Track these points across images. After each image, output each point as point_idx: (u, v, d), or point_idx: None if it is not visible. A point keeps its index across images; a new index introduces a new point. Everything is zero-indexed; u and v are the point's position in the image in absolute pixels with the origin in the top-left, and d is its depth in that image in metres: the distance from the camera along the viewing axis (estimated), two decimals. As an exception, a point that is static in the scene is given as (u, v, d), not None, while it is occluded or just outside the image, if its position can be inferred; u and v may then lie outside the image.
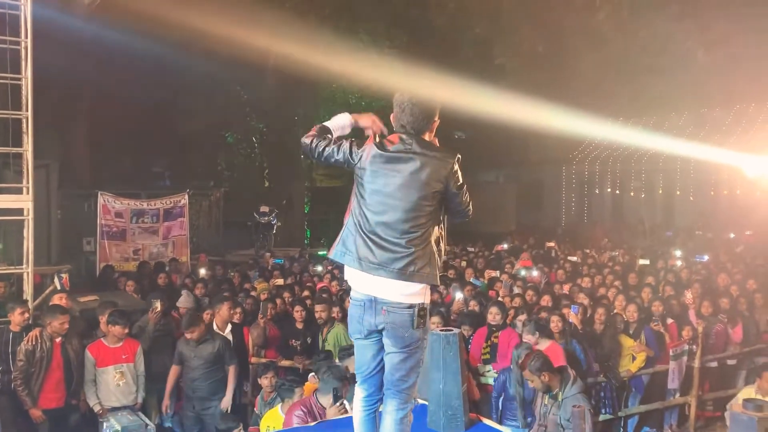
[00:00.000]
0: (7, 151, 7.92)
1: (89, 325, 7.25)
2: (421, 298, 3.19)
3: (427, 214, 3.16)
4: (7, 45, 7.64)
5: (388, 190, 3.17)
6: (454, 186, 3.20)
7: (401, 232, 3.14)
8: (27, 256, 7.75)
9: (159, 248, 13.08)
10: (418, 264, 3.13)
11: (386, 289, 3.18)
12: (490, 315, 7.21)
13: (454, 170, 3.21)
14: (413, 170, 3.16)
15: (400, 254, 3.12)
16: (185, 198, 13.56)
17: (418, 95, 3.38)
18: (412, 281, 3.13)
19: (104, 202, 12.62)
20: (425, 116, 3.33)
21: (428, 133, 3.35)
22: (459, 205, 3.28)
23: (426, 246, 3.16)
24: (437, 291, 9.15)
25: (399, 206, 3.15)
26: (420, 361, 3.29)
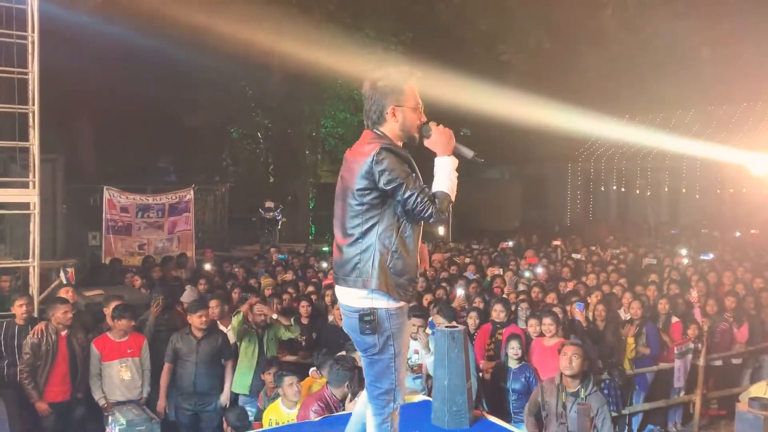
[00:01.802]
0: (14, 145, 7.97)
1: (95, 319, 7.28)
2: (368, 303, 3.00)
3: (359, 214, 2.97)
4: (14, 39, 7.65)
5: (337, 192, 3.13)
6: (382, 181, 2.90)
7: (343, 235, 3.05)
8: (33, 250, 7.76)
9: (164, 243, 13.11)
10: (359, 267, 2.98)
11: (340, 293, 3.15)
12: (494, 312, 7.22)
13: (376, 163, 2.89)
14: (347, 168, 3.06)
15: (343, 257, 3.04)
16: (190, 193, 13.58)
17: (374, 82, 3.07)
18: (353, 287, 3.01)
19: (110, 197, 12.66)
20: (376, 107, 3.06)
21: (388, 123, 3.07)
22: (404, 204, 2.93)
23: (368, 248, 2.97)
24: (441, 287, 9.15)
25: (339, 207, 3.09)
26: (389, 367, 3.10)
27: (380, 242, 2.96)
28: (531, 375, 6.18)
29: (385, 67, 3.12)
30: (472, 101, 16.12)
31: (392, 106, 3.04)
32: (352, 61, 15.61)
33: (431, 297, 8.61)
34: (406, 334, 3.18)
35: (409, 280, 3.04)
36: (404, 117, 3.06)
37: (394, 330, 3.06)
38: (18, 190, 7.89)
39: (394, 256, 2.98)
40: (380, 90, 3.05)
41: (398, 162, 2.92)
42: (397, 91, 3.05)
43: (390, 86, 3.05)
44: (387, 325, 3.04)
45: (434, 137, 3.10)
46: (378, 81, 3.06)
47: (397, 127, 3.07)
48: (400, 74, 3.08)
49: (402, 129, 3.08)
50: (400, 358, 3.12)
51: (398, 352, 3.10)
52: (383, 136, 3.05)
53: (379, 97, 3.04)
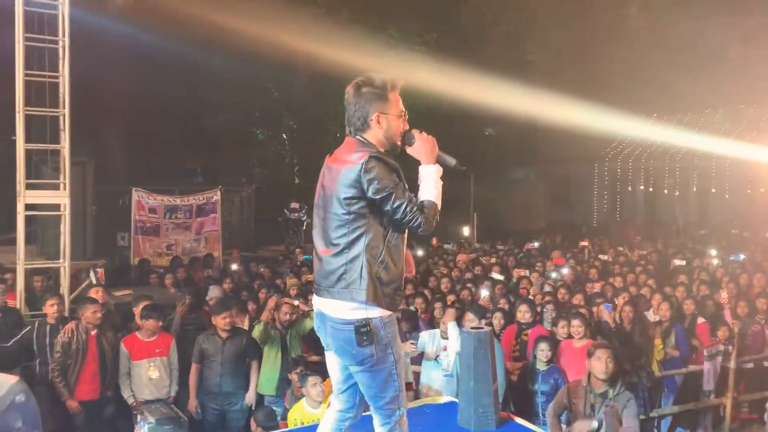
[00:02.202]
0: (45, 147, 8.11)
1: (124, 318, 7.37)
2: (362, 313, 2.93)
3: (345, 223, 2.91)
4: (46, 44, 7.80)
5: (318, 202, 3.07)
6: (371, 190, 2.84)
7: (330, 245, 2.96)
8: (63, 250, 7.92)
9: (192, 243, 13.22)
10: (345, 278, 2.92)
11: (326, 305, 3.04)
12: (519, 313, 7.19)
13: (365, 172, 2.83)
14: (330, 177, 2.98)
15: (327, 268, 2.97)
16: (217, 194, 13.68)
17: (357, 88, 3.00)
18: (339, 298, 2.94)
19: (138, 198, 12.80)
20: (360, 113, 3.00)
21: (372, 130, 3.01)
22: (393, 214, 2.88)
23: (355, 258, 2.90)
24: (466, 288, 9.11)
25: (320, 217, 3.03)
26: (392, 375, 3.04)
27: (368, 252, 2.90)
28: (560, 377, 6.13)
29: (369, 73, 3.03)
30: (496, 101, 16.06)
31: (377, 113, 2.98)
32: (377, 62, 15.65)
33: (455, 297, 8.58)
34: (399, 340, 3.13)
35: (395, 289, 3.00)
36: (388, 124, 3.01)
37: (390, 338, 3.01)
38: (49, 192, 8.04)
39: (381, 266, 2.93)
40: (364, 96, 2.99)
41: (387, 171, 2.87)
42: (382, 98, 3.00)
43: (375, 93, 2.99)
44: (383, 334, 2.97)
45: (417, 145, 3.05)
46: (362, 87, 3.00)
47: (381, 135, 3.01)
48: (385, 81, 3.01)
49: (386, 136, 3.02)
50: (399, 364, 3.07)
51: (397, 359, 3.05)
52: (368, 143, 2.99)
53: (364, 103, 2.98)
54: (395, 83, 3.03)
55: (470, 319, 6.22)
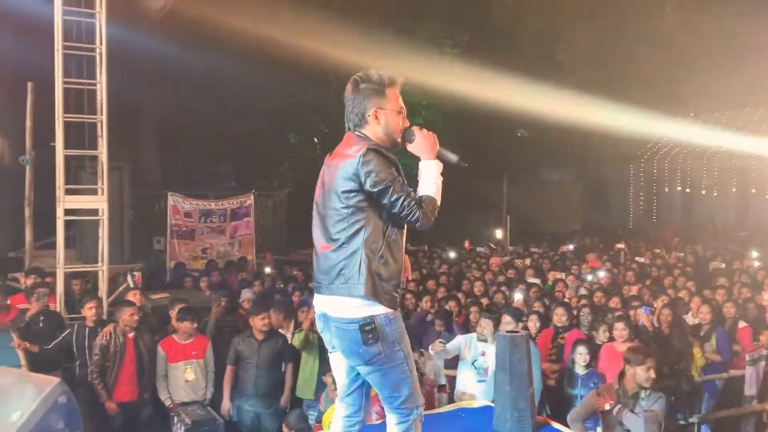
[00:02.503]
0: (84, 153, 8.29)
1: (160, 321, 7.47)
2: (366, 311, 2.89)
3: (344, 218, 2.89)
4: (84, 52, 7.97)
5: (317, 199, 3.08)
6: (368, 183, 2.83)
7: (326, 240, 2.96)
8: (102, 254, 8.07)
9: (226, 247, 13.36)
10: (344, 274, 2.89)
11: (329, 305, 3.00)
12: (556, 316, 7.12)
13: (362, 165, 2.83)
14: (329, 173, 2.98)
15: (326, 264, 2.95)
16: (251, 198, 13.81)
17: (355, 84, 3.01)
18: (339, 294, 2.91)
19: (174, 203, 12.97)
20: (358, 109, 3.01)
21: (369, 126, 3.01)
22: (391, 207, 2.86)
23: (354, 253, 2.88)
24: (500, 291, 9.04)
25: (322, 214, 3.01)
26: (404, 372, 2.99)
27: (366, 247, 2.88)
28: (599, 381, 6.03)
29: (367, 69, 3.05)
30: (529, 102, 15.94)
31: (374, 109, 2.99)
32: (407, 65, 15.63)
33: (488, 301, 8.53)
34: (407, 336, 3.07)
35: (394, 285, 2.96)
36: (387, 120, 3.01)
37: (397, 334, 2.96)
38: (88, 197, 8.21)
39: (381, 261, 2.90)
40: (362, 92, 3.00)
41: (385, 164, 2.86)
42: (380, 93, 3.00)
43: (372, 88, 3.00)
44: (389, 331, 2.93)
45: (418, 141, 3.04)
46: (360, 83, 3.01)
47: (380, 130, 3.01)
48: (383, 77, 3.01)
49: (385, 132, 3.01)
50: (410, 359, 3.03)
51: (407, 354, 3.01)
52: (366, 138, 2.99)
53: (362, 99, 3.00)
54: (393, 79, 3.03)
55: (507, 322, 6.17)
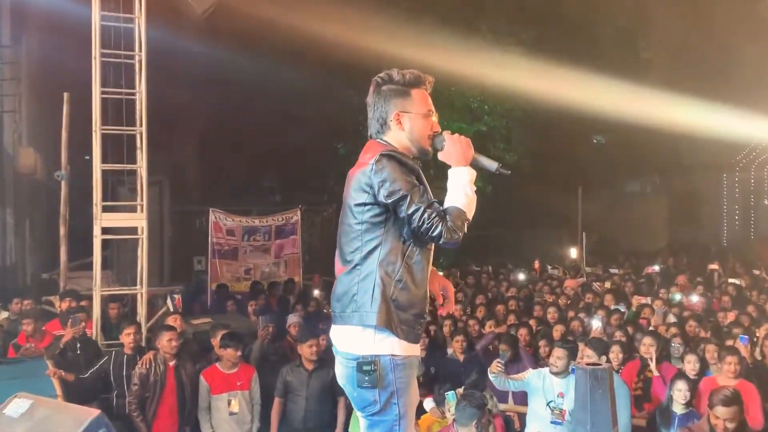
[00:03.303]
0: (123, 168, 8.52)
1: (202, 348, 7.60)
2: (369, 348, 2.75)
3: (358, 235, 2.78)
4: (122, 59, 8.24)
5: (340, 218, 2.97)
6: (381, 194, 2.71)
7: (344, 261, 2.86)
8: (141, 276, 8.26)
9: (271, 267, 13.45)
10: (356, 300, 2.77)
11: (340, 336, 2.89)
12: (643, 347, 6.96)
13: (375, 173, 2.72)
14: (348, 184, 2.89)
15: (340, 290, 2.85)
16: (297, 214, 13.89)
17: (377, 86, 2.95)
18: (349, 323, 2.78)
19: (215, 220, 13.15)
20: (379, 113, 2.93)
21: (392, 131, 2.92)
22: (409, 221, 2.72)
23: (368, 277, 2.77)
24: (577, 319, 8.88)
25: (341, 234, 2.91)
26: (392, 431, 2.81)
27: (382, 269, 2.76)
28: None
29: (391, 69, 2.97)
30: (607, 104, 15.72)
31: (396, 112, 2.89)
32: (467, 66, 15.63)
33: (563, 328, 8.40)
34: (414, 391, 2.89)
35: (416, 315, 2.82)
36: (412, 125, 2.90)
37: (399, 384, 2.78)
38: (126, 215, 8.45)
39: (398, 286, 2.77)
40: (383, 94, 2.93)
41: (401, 171, 2.74)
42: (403, 95, 2.92)
43: (394, 90, 2.92)
44: (391, 378, 2.76)
45: (448, 147, 2.91)
46: (382, 85, 2.94)
47: (405, 137, 2.91)
48: (406, 77, 2.93)
49: (410, 138, 2.91)
50: (406, 420, 2.83)
51: (404, 414, 2.81)
52: (388, 145, 2.90)
53: (383, 102, 2.92)
54: (420, 79, 2.95)
55: (588, 355, 6.05)
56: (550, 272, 15.51)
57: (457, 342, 7.83)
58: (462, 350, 7.76)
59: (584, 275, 14.66)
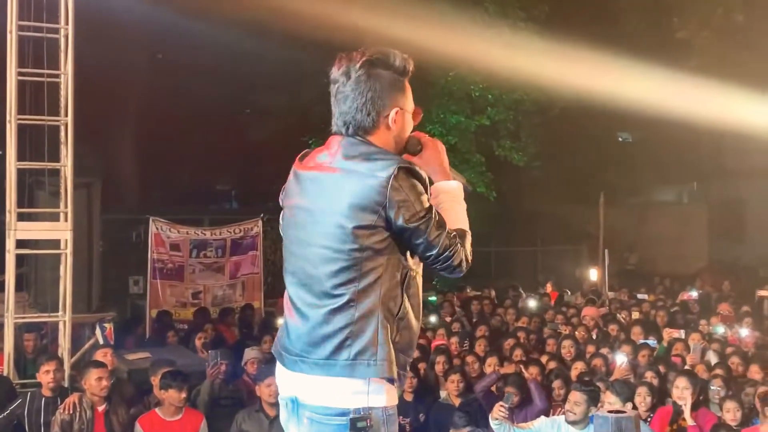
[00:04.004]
0: (42, 166, 8.44)
1: (139, 390, 7.56)
2: (362, 400, 2.73)
3: (353, 264, 2.70)
4: (44, 33, 8.19)
5: (296, 234, 2.88)
6: (401, 217, 2.66)
7: (324, 296, 2.75)
8: (63, 300, 8.19)
9: (225, 290, 13.42)
10: (350, 347, 2.70)
11: (308, 386, 2.82)
12: (676, 389, 7.02)
13: (394, 190, 2.65)
14: (329, 196, 2.76)
15: (318, 331, 2.75)
16: (258, 225, 13.88)
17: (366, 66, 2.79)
18: (347, 375, 2.73)
19: (157, 231, 13.10)
20: (371, 105, 2.80)
21: (380, 131, 2.84)
22: (426, 249, 2.72)
23: (368, 316, 2.70)
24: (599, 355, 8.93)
25: (312, 256, 2.79)
26: None
27: (384, 308, 2.72)
28: None
29: (381, 47, 2.87)
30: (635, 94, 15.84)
31: (396, 109, 2.83)
32: (468, 47, 15.70)
33: (582, 367, 8.44)
34: None
35: (409, 357, 2.87)
36: (403, 125, 2.89)
37: None
38: (47, 224, 8.39)
39: (400, 325, 2.77)
40: (381, 81, 2.80)
41: (419, 189, 2.72)
42: (402, 87, 2.87)
43: (394, 80, 2.84)
44: None
45: (429, 154, 2.93)
46: (377, 66, 2.80)
47: (392, 138, 2.86)
48: (407, 63, 2.86)
49: (397, 141, 2.88)
50: None
51: None
52: (373, 146, 2.81)
53: (379, 91, 2.80)
54: (412, 66, 2.89)
55: (611, 401, 6.10)
56: (566, 299, 15.59)
57: (453, 383, 7.86)
58: (458, 393, 7.77)
59: (607, 302, 14.74)
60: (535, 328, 11.62)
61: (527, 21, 18.32)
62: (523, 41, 17.40)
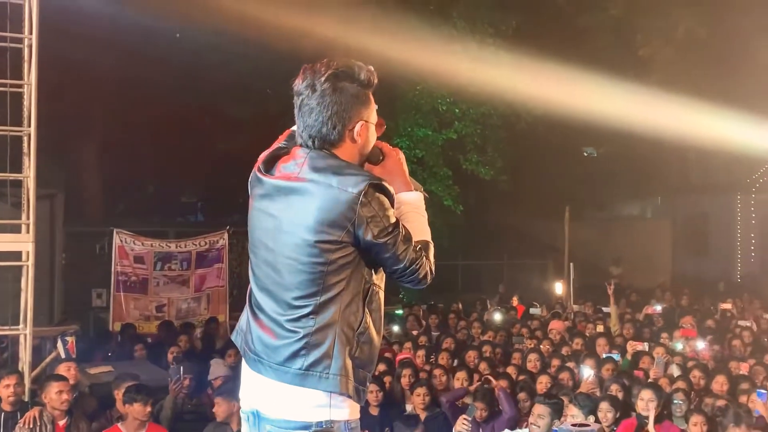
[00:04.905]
0: (4, 177, 8.35)
1: (102, 404, 7.48)
2: (325, 413, 2.75)
3: (316, 277, 2.71)
4: (8, 43, 8.11)
5: (262, 238, 2.88)
6: (370, 233, 2.68)
7: (286, 306, 2.77)
8: (24, 313, 8.08)
9: (190, 304, 13.36)
10: (310, 357, 2.72)
11: (267, 397, 2.83)
12: (641, 402, 7.07)
13: (363, 206, 2.67)
14: (295, 208, 2.75)
15: (282, 340, 2.76)
16: (224, 237, 13.84)
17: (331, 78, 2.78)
18: (298, 384, 2.74)
19: (121, 243, 13.03)
20: (336, 118, 2.79)
21: (346, 144, 2.84)
22: (393, 263, 2.76)
23: (325, 329, 2.72)
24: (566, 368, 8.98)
25: (277, 265, 2.81)
26: None
27: (344, 322, 2.74)
28: None
29: (345, 60, 2.86)
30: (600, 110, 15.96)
31: (362, 122, 2.83)
32: (436, 61, 15.76)
33: (548, 380, 8.48)
34: None
35: (369, 372, 2.87)
36: (368, 138, 2.88)
37: None
38: (8, 236, 8.27)
39: (360, 340, 2.78)
40: (345, 94, 2.79)
41: (389, 205, 2.75)
42: (366, 100, 2.86)
43: (359, 93, 2.83)
44: None
45: (391, 164, 2.96)
46: (342, 80, 2.79)
47: (357, 152, 2.87)
48: (371, 75, 2.86)
49: (361, 153, 2.89)
50: None
51: None
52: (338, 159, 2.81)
53: (345, 104, 2.79)
54: (376, 78, 2.89)
55: (573, 414, 6.13)
56: (531, 312, 15.64)
57: (418, 396, 7.84)
58: (424, 406, 7.78)
59: (572, 315, 14.84)
60: (501, 342, 11.66)
61: (495, 36, 18.45)
62: (490, 56, 17.51)
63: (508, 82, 16.26)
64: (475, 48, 17.73)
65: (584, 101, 15.78)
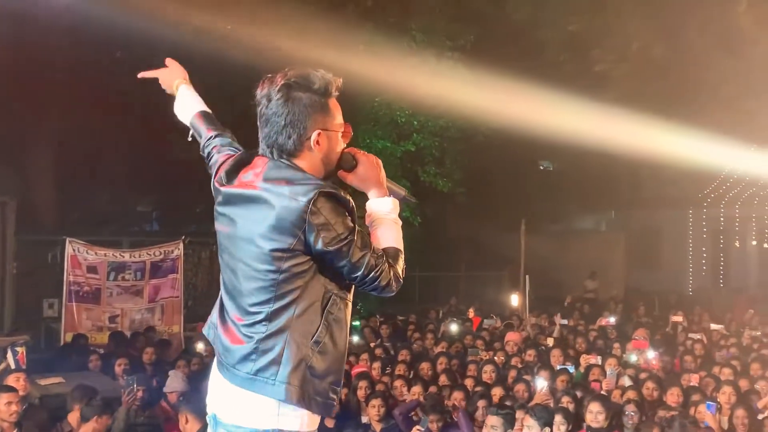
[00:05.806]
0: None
1: (52, 416, 7.38)
2: (272, 422, 2.74)
3: (269, 285, 2.73)
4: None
5: (225, 244, 2.93)
6: (320, 241, 2.68)
7: (243, 312, 2.81)
8: (-25, 322, 7.99)
9: (143, 314, 13.25)
10: (259, 362, 2.73)
11: (223, 401, 2.86)
12: (590, 414, 7.16)
13: (313, 214, 2.67)
14: (251, 216, 2.78)
15: (237, 344, 2.79)
16: (179, 248, 13.76)
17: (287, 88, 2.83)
18: (247, 387, 2.75)
19: (73, 252, 12.89)
20: (292, 128, 2.82)
21: (305, 153, 2.86)
22: (350, 271, 2.75)
23: (275, 336, 2.72)
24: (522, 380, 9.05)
25: (237, 271, 2.85)
26: None
27: (296, 329, 2.73)
28: None
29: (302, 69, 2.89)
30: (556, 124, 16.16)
31: (318, 131, 2.84)
32: (395, 74, 15.83)
33: (502, 391, 8.55)
34: None
35: (333, 383, 2.84)
36: (330, 145, 2.89)
37: None
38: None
39: (316, 349, 2.76)
40: (299, 104, 2.82)
41: (341, 212, 2.74)
42: (323, 108, 2.87)
43: (314, 102, 2.84)
44: None
45: (363, 170, 2.96)
46: (295, 89, 2.82)
47: (319, 159, 2.88)
48: (329, 83, 2.88)
49: (325, 162, 2.90)
50: None
51: None
52: (298, 169, 2.82)
53: (299, 114, 2.81)
54: (336, 84, 2.91)
55: (529, 425, 6.19)
56: (486, 323, 15.72)
57: (374, 407, 7.86)
58: (379, 418, 7.79)
59: (527, 327, 14.94)
60: (456, 353, 11.71)
61: (453, 50, 18.59)
62: (448, 69, 17.65)
63: (466, 95, 16.39)
64: (434, 61, 17.86)
65: (541, 115, 15.97)
